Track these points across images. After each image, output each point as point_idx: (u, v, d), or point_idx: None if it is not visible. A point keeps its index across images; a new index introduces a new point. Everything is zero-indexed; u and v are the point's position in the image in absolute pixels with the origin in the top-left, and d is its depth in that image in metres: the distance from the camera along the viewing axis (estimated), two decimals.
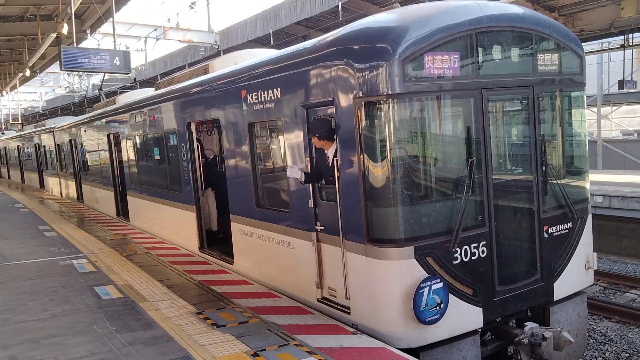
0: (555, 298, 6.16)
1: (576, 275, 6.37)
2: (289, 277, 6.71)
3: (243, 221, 7.57)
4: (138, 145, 12.01)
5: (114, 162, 14.03)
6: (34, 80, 37.56)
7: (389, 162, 5.07)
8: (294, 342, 5.25)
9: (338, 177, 5.53)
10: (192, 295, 7.08)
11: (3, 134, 41.87)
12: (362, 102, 5.16)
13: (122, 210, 14.09)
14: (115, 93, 31.02)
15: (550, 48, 6.05)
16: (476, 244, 5.44)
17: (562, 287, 6.22)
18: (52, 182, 23.31)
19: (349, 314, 5.65)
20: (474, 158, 5.42)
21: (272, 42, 19.87)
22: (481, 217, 5.52)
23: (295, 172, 5.91)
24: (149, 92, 12.57)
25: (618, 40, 20.95)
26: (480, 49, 5.42)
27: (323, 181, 5.95)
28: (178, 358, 5.05)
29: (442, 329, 5.24)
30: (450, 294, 5.22)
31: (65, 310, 6.68)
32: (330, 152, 5.69)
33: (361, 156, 5.21)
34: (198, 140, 9.38)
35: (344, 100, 5.34)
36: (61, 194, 21.67)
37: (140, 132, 11.54)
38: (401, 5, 5.93)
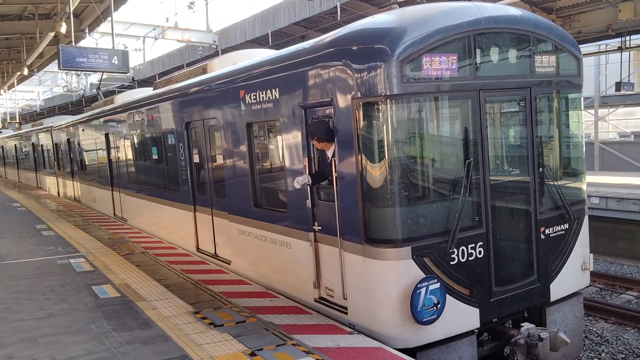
0: (552, 299, 6.19)
1: (572, 276, 6.40)
2: (287, 277, 6.72)
3: (241, 221, 7.58)
4: (136, 145, 12.00)
5: (112, 161, 14.01)
6: (32, 79, 37.40)
7: (386, 162, 5.09)
8: (291, 341, 5.26)
9: (336, 177, 5.55)
10: (189, 294, 7.08)
11: (1, 132, 41.80)
12: (360, 103, 5.17)
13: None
14: (113, 92, 30.95)
15: (547, 50, 6.07)
16: (473, 245, 5.46)
17: (559, 288, 6.24)
18: (49, 182, 23.27)
19: (346, 314, 5.67)
20: (472, 159, 5.44)
21: (270, 43, 19.87)
22: (478, 218, 5.54)
23: (302, 180, 5.91)
24: (147, 91, 12.57)
25: (615, 42, 21.01)
26: (478, 51, 5.44)
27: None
28: (175, 357, 5.05)
29: (438, 330, 5.26)
30: (447, 295, 5.23)
31: (62, 309, 6.68)
32: (330, 153, 5.69)
33: (359, 157, 5.22)
34: None
35: (342, 100, 5.35)
36: (59, 193, 21.65)
37: (139, 131, 11.54)
38: (400, 7, 5.95)
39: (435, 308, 5.14)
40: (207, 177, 8.64)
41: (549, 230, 6.10)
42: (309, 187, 6.02)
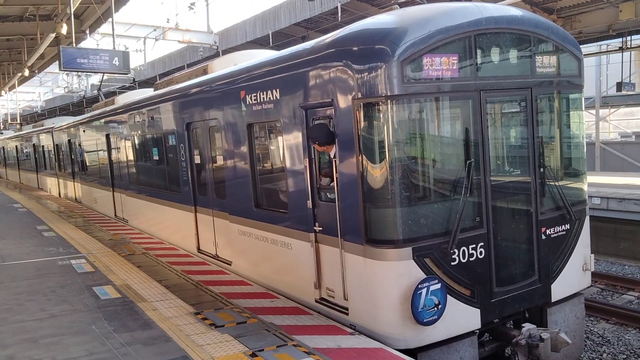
0: (553, 299, 6.18)
1: (574, 276, 6.39)
2: (287, 278, 6.72)
3: (241, 222, 7.57)
4: (137, 146, 12.01)
5: (113, 162, 14.02)
6: (33, 80, 37.46)
7: (387, 163, 5.08)
8: (292, 342, 5.26)
9: (336, 177, 5.55)
10: (190, 295, 7.08)
11: (1, 133, 41.85)
12: (361, 103, 5.17)
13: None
14: (114, 93, 31.00)
15: (548, 50, 6.07)
16: (474, 245, 5.46)
17: (560, 288, 6.23)
18: (50, 182, 23.29)
19: (347, 314, 5.66)
20: (472, 159, 5.44)
21: (271, 43, 19.88)
22: (479, 218, 5.54)
23: (329, 181, 5.90)
24: (148, 92, 12.57)
25: (616, 42, 21.00)
26: (478, 51, 5.44)
27: (321, 182, 5.97)
28: (176, 358, 5.05)
29: (439, 330, 5.26)
30: (448, 295, 5.23)
31: (63, 310, 6.68)
32: (332, 155, 5.68)
33: (360, 157, 5.22)
34: None
35: (343, 101, 5.35)
36: (59, 194, 21.66)
37: (139, 132, 11.55)
38: (400, 7, 5.95)
39: (436, 309, 5.13)
40: (208, 178, 8.64)
41: (550, 231, 6.10)
42: (309, 187, 6.02)
